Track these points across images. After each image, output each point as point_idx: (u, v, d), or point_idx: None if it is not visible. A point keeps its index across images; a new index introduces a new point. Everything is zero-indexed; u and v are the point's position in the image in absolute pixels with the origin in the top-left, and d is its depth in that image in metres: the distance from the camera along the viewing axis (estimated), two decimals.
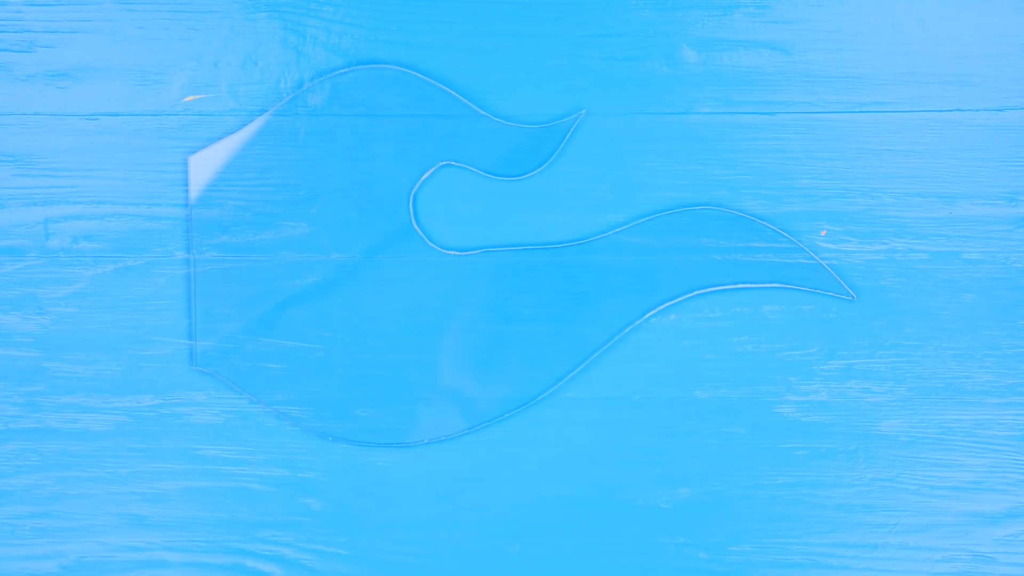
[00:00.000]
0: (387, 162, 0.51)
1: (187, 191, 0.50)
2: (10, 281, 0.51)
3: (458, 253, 0.50)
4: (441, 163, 0.50)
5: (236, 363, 0.50)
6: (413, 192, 0.50)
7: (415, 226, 0.50)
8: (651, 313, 0.50)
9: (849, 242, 0.50)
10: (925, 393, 0.50)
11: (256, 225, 0.50)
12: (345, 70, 0.50)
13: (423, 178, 0.50)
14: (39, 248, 0.51)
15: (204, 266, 0.50)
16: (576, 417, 0.50)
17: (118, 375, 0.50)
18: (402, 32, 0.51)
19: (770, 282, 0.50)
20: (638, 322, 0.50)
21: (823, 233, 0.50)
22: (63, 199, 0.51)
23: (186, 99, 0.51)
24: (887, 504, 0.50)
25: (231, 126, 0.51)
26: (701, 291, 0.49)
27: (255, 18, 0.51)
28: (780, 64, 0.50)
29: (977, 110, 0.50)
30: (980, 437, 0.50)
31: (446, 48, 0.51)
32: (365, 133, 0.51)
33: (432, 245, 0.50)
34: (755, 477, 0.50)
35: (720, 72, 0.50)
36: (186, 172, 0.50)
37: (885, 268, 0.50)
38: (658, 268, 0.50)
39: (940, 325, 0.50)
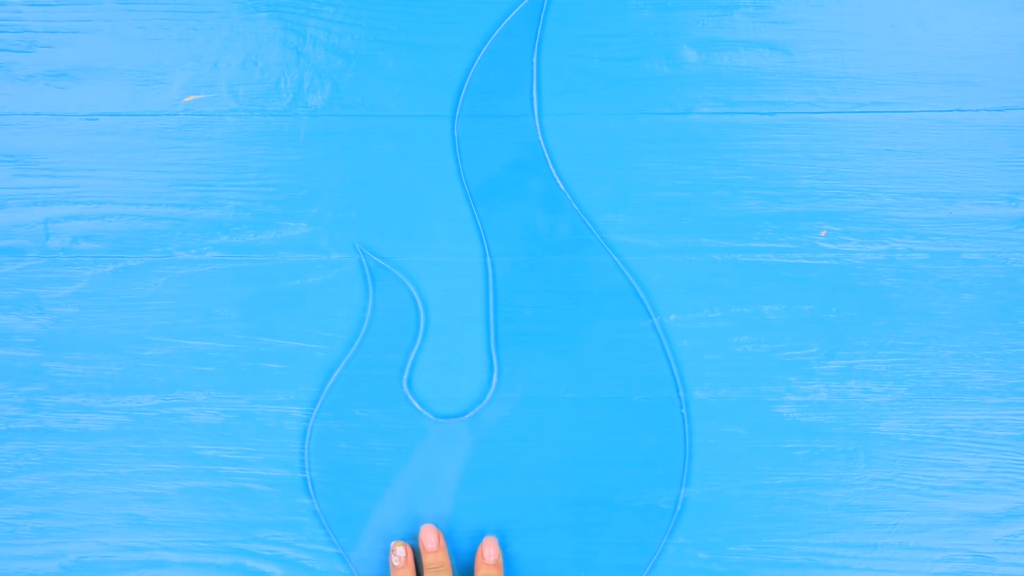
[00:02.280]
0: (387, 162, 0.51)
1: (190, 193, 0.50)
2: (10, 281, 0.51)
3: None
4: None
5: (236, 363, 0.50)
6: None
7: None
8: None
9: (849, 242, 0.50)
10: (925, 393, 0.50)
11: (256, 225, 0.51)
12: None
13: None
14: (39, 248, 0.51)
15: (204, 266, 0.50)
16: (576, 417, 0.50)
17: (118, 375, 0.50)
18: (402, 32, 0.51)
19: (770, 282, 0.50)
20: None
21: (823, 233, 0.50)
22: (63, 199, 0.51)
23: (186, 99, 0.51)
24: (887, 504, 0.50)
25: (231, 126, 0.51)
26: None
27: (255, 18, 0.51)
28: (780, 64, 0.50)
29: (977, 110, 0.50)
30: (980, 437, 0.50)
31: (446, 48, 0.51)
32: (365, 133, 0.51)
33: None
34: (755, 477, 0.50)
35: (720, 72, 0.50)
36: (186, 172, 0.51)
37: (885, 268, 0.50)
38: (658, 268, 0.50)
39: (940, 325, 0.50)
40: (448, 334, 0.50)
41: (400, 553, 0.48)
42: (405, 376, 0.50)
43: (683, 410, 0.49)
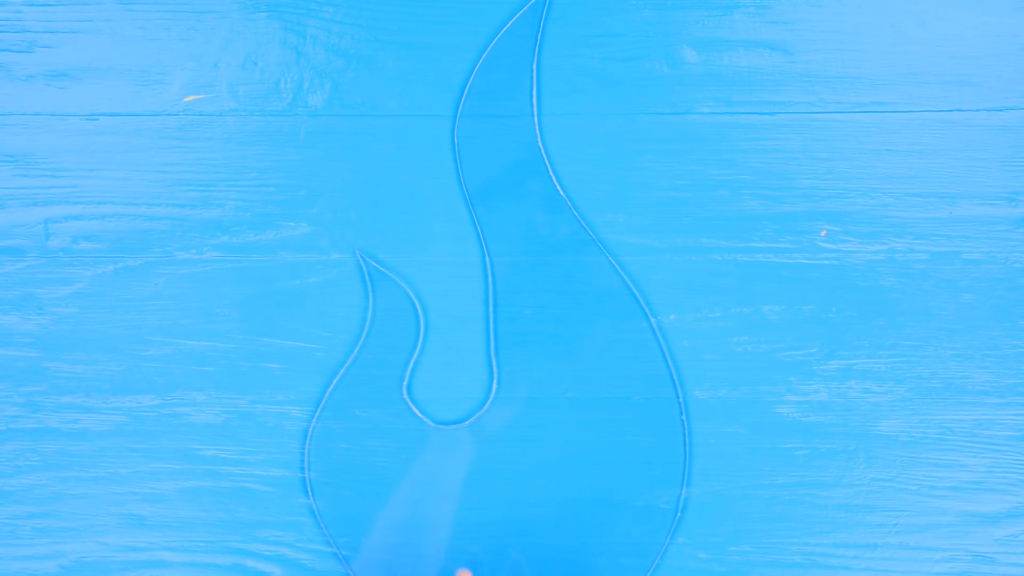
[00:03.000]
0: (387, 162, 0.51)
1: (190, 193, 0.50)
2: (10, 281, 0.51)
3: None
4: None
5: (236, 363, 0.50)
6: None
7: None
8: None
9: (849, 242, 0.50)
10: (925, 393, 0.50)
11: (256, 225, 0.51)
12: None
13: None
14: (39, 248, 0.51)
15: (204, 266, 0.50)
16: (576, 417, 0.50)
17: (118, 375, 0.50)
18: (402, 32, 0.51)
19: (770, 282, 0.50)
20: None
21: (823, 233, 0.50)
22: (63, 199, 0.51)
23: (186, 99, 0.51)
24: (887, 504, 0.50)
25: (231, 126, 0.51)
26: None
27: (255, 18, 0.51)
28: (780, 64, 0.50)
29: (977, 110, 0.50)
30: (980, 437, 0.50)
31: (446, 48, 0.51)
32: (365, 133, 0.51)
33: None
34: (755, 477, 0.50)
35: (720, 72, 0.50)
36: (186, 172, 0.51)
37: (885, 268, 0.50)
38: (658, 268, 0.50)
39: (940, 325, 0.50)
40: (448, 335, 0.50)
41: None
42: (405, 383, 0.50)
43: (682, 416, 0.49)
